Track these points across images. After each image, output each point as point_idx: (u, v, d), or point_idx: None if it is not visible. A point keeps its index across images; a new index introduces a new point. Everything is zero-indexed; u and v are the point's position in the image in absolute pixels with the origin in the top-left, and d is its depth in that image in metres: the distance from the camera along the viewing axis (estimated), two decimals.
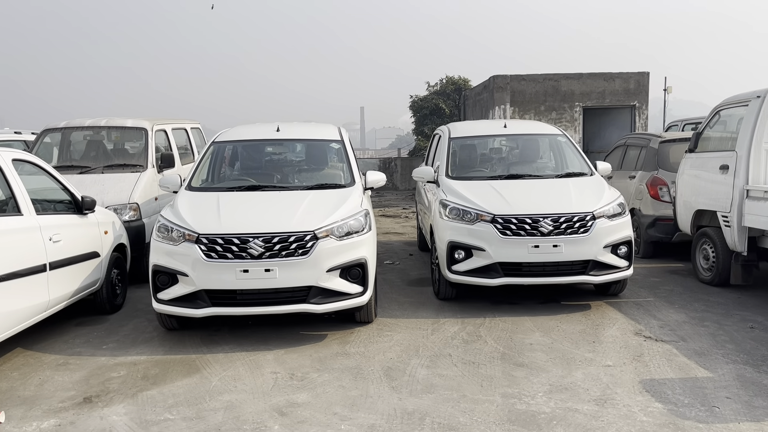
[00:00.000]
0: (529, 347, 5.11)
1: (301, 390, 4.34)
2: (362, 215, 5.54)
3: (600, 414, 3.88)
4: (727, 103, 7.01)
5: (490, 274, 6.04)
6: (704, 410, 3.89)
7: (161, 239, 5.28)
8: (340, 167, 6.48)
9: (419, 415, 3.92)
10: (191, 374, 4.66)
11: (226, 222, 5.22)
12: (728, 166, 6.58)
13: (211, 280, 5.05)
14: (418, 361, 4.86)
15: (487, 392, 4.24)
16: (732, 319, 5.77)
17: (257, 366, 4.80)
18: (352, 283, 5.31)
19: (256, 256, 5.03)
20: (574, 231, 5.91)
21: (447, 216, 6.32)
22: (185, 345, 5.32)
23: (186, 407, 4.09)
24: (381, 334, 5.53)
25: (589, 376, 4.49)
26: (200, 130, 10.66)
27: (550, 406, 4.01)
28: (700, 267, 7.23)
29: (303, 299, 5.16)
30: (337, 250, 5.22)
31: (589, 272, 6.00)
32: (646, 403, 4.02)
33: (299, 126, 7.21)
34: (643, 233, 8.62)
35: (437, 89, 28.02)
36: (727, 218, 6.59)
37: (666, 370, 4.55)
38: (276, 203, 5.60)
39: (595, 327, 5.60)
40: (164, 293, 5.20)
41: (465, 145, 7.70)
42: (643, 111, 16.12)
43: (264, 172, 6.54)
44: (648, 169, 8.81)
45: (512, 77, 16.08)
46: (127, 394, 4.30)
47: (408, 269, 8.33)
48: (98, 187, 7.31)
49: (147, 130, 8.19)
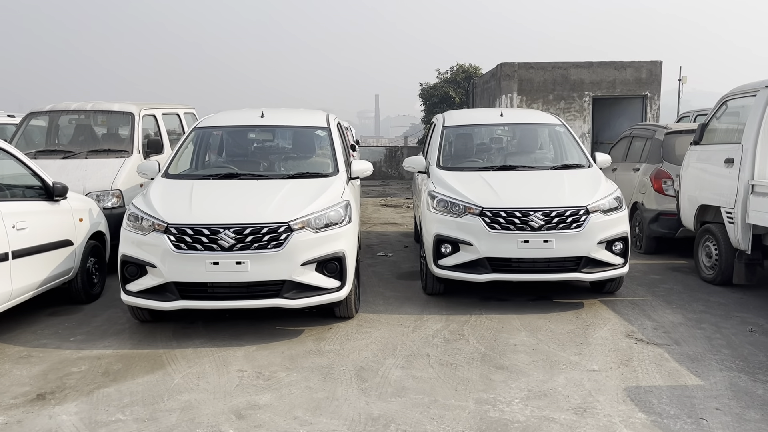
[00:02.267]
0: (513, 348, 4.85)
1: (265, 390, 4.12)
2: (342, 206, 5.29)
3: (577, 424, 3.62)
4: (734, 93, 6.64)
5: (478, 269, 5.77)
6: (690, 422, 3.62)
7: (131, 228, 5.07)
8: (324, 155, 6.22)
9: (384, 421, 3.68)
10: (154, 370, 4.46)
11: (196, 211, 5.00)
12: (733, 159, 6.23)
13: (180, 272, 4.84)
14: (394, 361, 4.62)
15: (460, 397, 4.00)
16: (731, 321, 5.46)
17: (225, 363, 4.59)
18: (329, 278, 5.07)
19: (226, 248, 4.80)
20: (567, 226, 5.61)
21: (434, 208, 6.05)
22: (155, 338, 5.12)
23: (141, 407, 3.88)
24: (360, 330, 5.29)
25: (571, 381, 4.22)
26: (195, 116, 10.43)
27: (525, 414, 3.76)
28: (703, 265, 6.91)
29: (276, 293, 4.93)
30: (313, 243, 4.98)
31: (582, 269, 5.71)
32: (628, 412, 3.75)
33: (285, 112, 6.95)
34: (645, 228, 8.29)
35: (447, 77, 27.62)
36: (731, 214, 6.25)
37: (654, 377, 4.27)
38: (251, 193, 5.37)
39: (585, 327, 5.32)
40: (133, 284, 5.00)
41: (459, 134, 7.41)
42: (654, 101, 15.66)
43: (244, 160, 6.31)
44: (652, 161, 8.45)
45: (520, 65, 15.68)
46: (82, 392, 4.11)
47: (400, 261, 8.08)
48: (80, 173, 7.13)
49: (134, 114, 7.98)
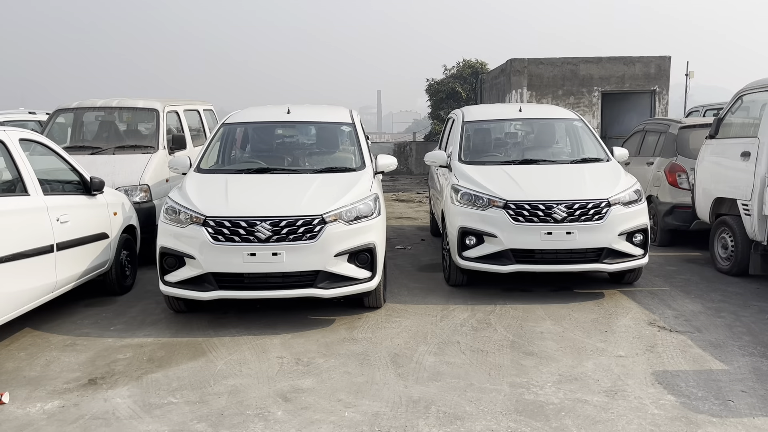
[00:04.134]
0: (540, 336, 5.01)
1: (306, 375, 4.29)
2: (372, 199, 5.45)
3: (610, 406, 3.79)
4: (750, 88, 6.79)
5: (502, 260, 5.94)
6: (718, 404, 3.78)
7: (169, 221, 5.24)
8: (350, 150, 6.39)
9: (425, 403, 3.85)
10: (197, 357, 4.63)
11: (233, 205, 5.17)
12: (750, 153, 6.38)
13: (218, 263, 5.01)
14: (426, 348, 4.78)
15: (494, 381, 4.17)
16: (750, 310, 5.62)
17: (263, 350, 4.76)
18: (360, 268, 5.24)
19: (263, 240, 4.97)
20: (589, 218, 5.77)
21: (458, 201, 6.21)
22: (192, 328, 5.29)
23: (190, 391, 4.06)
24: (389, 319, 5.46)
25: (600, 366, 4.39)
26: (213, 112, 10.60)
27: (558, 396, 3.93)
28: (718, 256, 7.06)
29: (310, 284, 5.10)
30: (346, 235, 5.14)
31: (603, 260, 5.87)
32: (657, 395, 3.92)
33: (310, 108, 7.11)
34: (660, 221, 8.44)
35: (454, 73, 27.73)
36: (747, 206, 6.40)
37: (680, 362, 4.44)
38: (284, 186, 5.53)
39: (608, 316, 5.48)
40: (171, 275, 5.17)
41: (479, 129, 7.56)
42: (663, 96, 15.79)
43: (273, 155, 6.47)
44: (667, 155, 8.60)
45: (530, 61, 15.81)
46: (131, 377, 4.29)
47: (419, 254, 8.25)
48: (109, 168, 7.30)
49: (158, 111, 8.14)
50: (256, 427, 3.57)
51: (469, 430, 3.52)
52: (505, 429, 3.52)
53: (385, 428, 3.55)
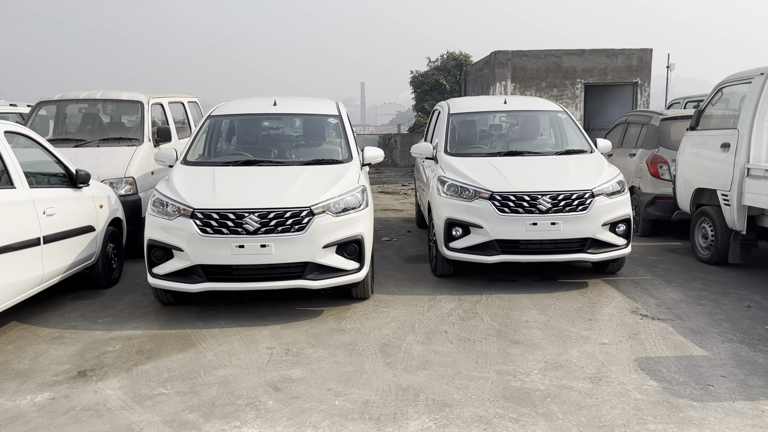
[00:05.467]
0: (525, 324, 5.10)
1: (296, 365, 4.33)
2: (359, 191, 5.49)
3: (594, 391, 3.88)
4: (729, 80, 6.91)
5: (488, 251, 6.01)
6: (699, 389, 3.89)
7: (156, 213, 5.24)
8: (337, 143, 6.41)
9: (414, 391, 3.91)
10: (186, 349, 4.65)
11: (221, 197, 5.18)
12: (729, 144, 6.51)
13: (206, 255, 5.02)
14: (414, 337, 4.85)
15: (482, 369, 4.24)
16: (729, 297, 5.76)
17: (253, 341, 4.79)
18: (349, 260, 5.28)
19: (251, 232, 4.99)
20: (573, 209, 5.86)
21: (445, 193, 6.27)
22: (181, 320, 5.31)
23: (180, 382, 4.08)
24: (377, 310, 5.52)
25: (584, 353, 4.48)
26: (198, 104, 10.55)
27: (545, 383, 4.01)
28: (699, 246, 7.21)
29: (299, 275, 5.13)
30: (334, 226, 5.18)
31: (587, 250, 5.97)
32: (640, 381, 4.02)
33: (297, 100, 7.12)
34: (642, 211, 8.58)
35: (438, 65, 27.76)
36: (726, 197, 6.54)
37: (662, 349, 4.55)
38: (272, 178, 5.55)
39: (592, 305, 5.59)
40: (159, 268, 5.18)
41: (464, 121, 7.62)
42: (645, 88, 15.97)
43: (260, 147, 6.47)
44: (649, 146, 8.73)
45: (514, 53, 15.90)
46: (121, 369, 4.30)
47: (406, 246, 8.31)
48: (94, 161, 7.26)
49: (143, 103, 8.10)
50: (247, 417, 3.61)
51: (458, 416, 3.58)
52: (492, 415, 3.60)
53: (375, 416, 3.60)
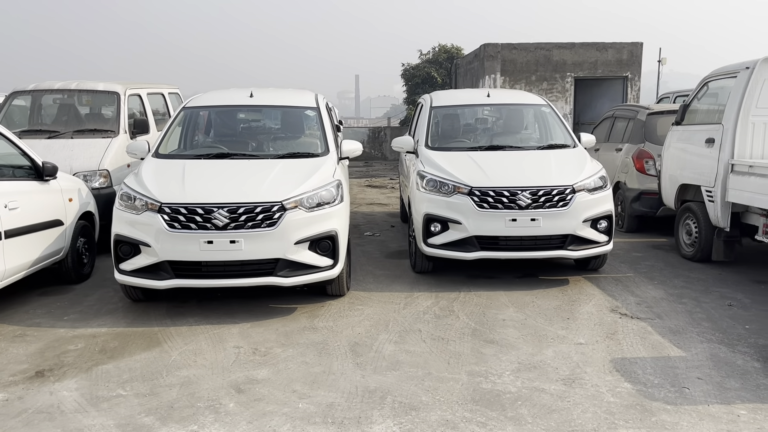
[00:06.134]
0: (502, 323, 4.98)
1: (262, 366, 4.20)
2: (334, 186, 5.35)
3: (567, 394, 3.76)
4: (715, 75, 6.80)
5: (467, 247, 5.89)
6: (674, 391, 3.78)
7: (124, 208, 5.09)
8: (314, 135, 6.26)
9: (381, 393, 3.79)
10: (151, 348, 4.51)
11: (190, 191, 5.03)
12: (714, 139, 6.40)
13: (174, 251, 4.88)
14: (387, 336, 4.72)
15: (453, 370, 4.12)
16: (711, 296, 5.66)
17: (220, 340, 4.66)
18: (322, 256, 5.15)
19: (220, 227, 4.85)
20: (553, 204, 5.74)
21: (424, 188, 6.14)
22: (149, 317, 5.16)
23: (141, 383, 3.95)
24: (352, 308, 5.39)
25: (559, 354, 4.37)
26: (179, 96, 10.36)
27: (516, 385, 3.89)
28: (683, 242, 7.11)
29: (270, 272, 4.99)
30: (307, 222, 5.04)
31: (568, 247, 5.85)
32: (615, 383, 3.91)
33: (274, 92, 6.95)
34: (627, 207, 8.47)
35: (429, 58, 27.60)
36: (711, 193, 6.43)
37: (638, 349, 4.44)
38: (244, 172, 5.40)
39: (571, 303, 5.47)
40: (127, 264, 5.04)
41: (446, 114, 7.48)
42: (635, 82, 15.85)
43: (235, 140, 6.32)
44: (635, 141, 8.62)
45: (503, 46, 15.74)
46: (81, 368, 4.16)
47: (388, 241, 8.18)
48: (66, 153, 7.09)
49: (119, 94, 7.92)
50: (206, 420, 3.48)
51: (424, 420, 3.47)
52: (460, 419, 3.48)
53: (339, 419, 3.48)
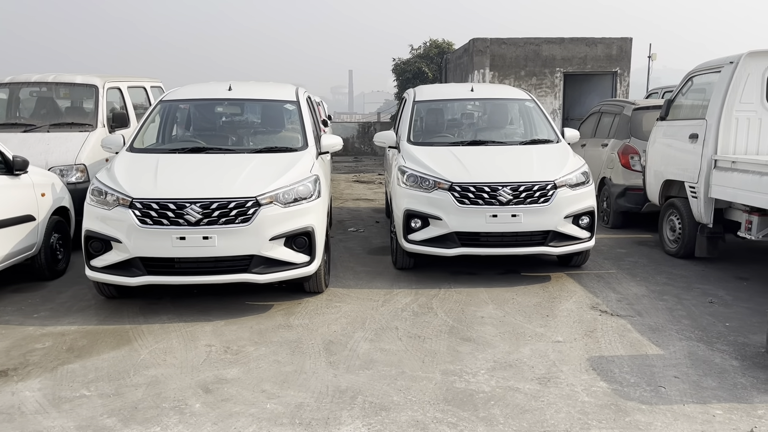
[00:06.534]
0: (480, 321, 4.91)
1: (233, 365, 4.11)
2: (311, 181, 5.25)
3: (541, 394, 3.69)
4: (699, 70, 6.73)
5: (447, 244, 5.81)
6: (649, 390, 3.72)
7: (95, 203, 4.98)
8: (293, 130, 6.16)
9: (352, 393, 3.71)
10: (120, 346, 4.42)
11: (162, 186, 4.92)
12: (698, 134, 6.34)
13: (145, 247, 4.78)
14: (363, 334, 4.64)
15: (427, 369, 4.05)
16: (692, 293, 5.61)
17: (192, 338, 4.57)
18: (298, 253, 5.05)
19: (193, 223, 4.75)
20: (534, 200, 5.67)
21: (404, 183, 6.05)
22: (122, 314, 5.06)
23: (106, 383, 3.85)
24: (329, 305, 5.31)
25: (536, 352, 4.30)
26: (162, 89, 10.21)
27: (490, 384, 3.82)
28: (667, 238, 7.05)
29: (245, 268, 4.90)
30: (282, 218, 4.95)
31: (549, 243, 5.78)
32: (590, 381, 3.84)
33: (253, 85, 6.84)
34: (612, 203, 8.42)
35: (420, 52, 27.44)
36: (694, 189, 6.38)
37: (616, 347, 4.38)
38: (219, 167, 5.30)
39: (552, 300, 5.41)
40: (98, 260, 4.93)
41: (430, 109, 7.39)
42: (624, 78, 15.80)
43: (211, 134, 6.21)
44: (620, 137, 8.56)
45: (492, 41, 15.65)
46: (46, 368, 4.05)
47: (371, 237, 8.10)
48: (42, 147, 6.96)
49: (98, 87, 7.78)
50: (169, 421, 3.39)
51: (393, 421, 3.39)
52: (430, 420, 3.40)
53: (306, 420, 3.40)
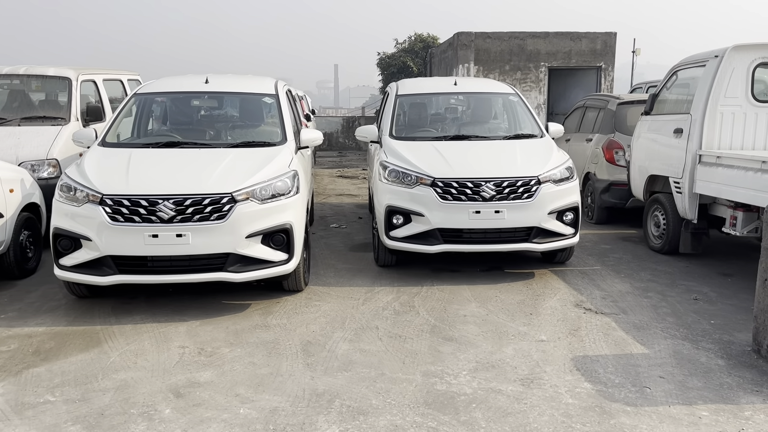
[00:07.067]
0: (462, 319, 4.80)
1: (206, 367, 3.97)
2: (289, 176, 5.11)
3: (524, 396, 3.59)
4: (684, 63, 6.66)
5: (429, 240, 5.69)
6: (635, 391, 3.63)
7: (64, 200, 4.80)
8: (271, 124, 6.00)
9: (329, 396, 3.58)
10: (90, 348, 4.25)
11: (133, 182, 4.75)
12: (682, 129, 6.28)
13: (117, 245, 4.61)
14: (342, 334, 4.51)
15: (408, 370, 3.93)
16: (677, 289, 5.54)
17: (165, 339, 4.41)
18: (276, 250, 4.91)
19: (166, 220, 4.58)
20: (518, 196, 5.57)
21: (386, 178, 5.92)
22: (93, 315, 4.89)
23: (73, 387, 3.69)
24: (309, 304, 5.17)
25: (519, 352, 4.20)
26: (140, 82, 9.98)
27: (472, 386, 3.71)
28: (651, 234, 7.00)
29: (220, 267, 4.75)
30: (259, 214, 4.80)
31: (533, 240, 5.69)
32: (574, 383, 3.75)
33: (231, 78, 6.66)
34: (597, 198, 8.35)
35: (405, 47, 27.32)
36: (678, 184, 6.32)
37: (601, 346, 4.29)
38: (193, 162, 5.13)
39: (535, 298, 5.32)
40: (67, 258, 4.75)
41: (412, 103, 7.27)
42: (609, 72, 15.77)
43: (187, 128, 6.03)
44: (605, 131, 8.49)
45: (477, 35, 15.54)
46: (10, 372, 3.88)
47: (354, 233, 7.96)
48: (13, 141, 6.74)
49: (71, 79, 7.56)
50: (137, 428, 3.24)
51: (371, 426, 3.27)
52: (410, 424, 3.29)
53: (281, 426, 3.27)
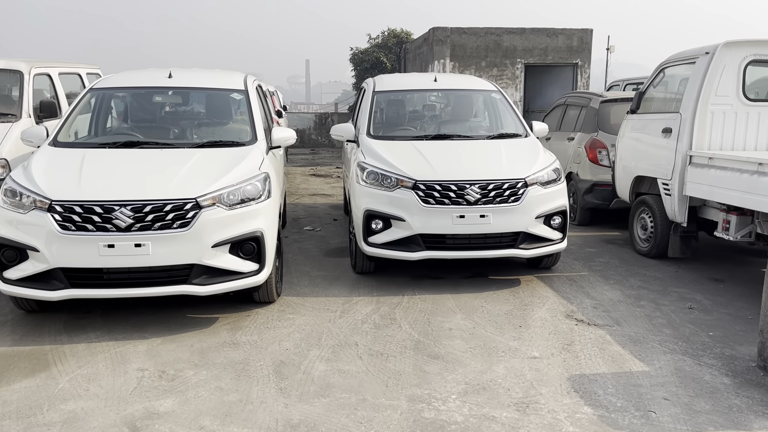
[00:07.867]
0: (448, 333, 4.47)
1: (167, 394, 3.56)
2: (260, 179, 4.71)
3: (520, 423, 3.27)
4: (672, 60, 6.43)
5: (411, 246, 5.35)
6: (639, 416, 3.34)
7: (8, 206, 4.32)
8: (240, 122, 5.59)
9: (305, 428, 3.21)
10: (36, 373, 3.81)
11: (86, 186, 4.30)
12: (671, 129, 6.04)
13: (68, 256, 4.16)
14: (318, 352, 4.14)
15: (392, 394, 3.58)
16: (669, 297, 5.30)
17: (122, 361, 3.99)
18: (245, 260, 4.51)
19: (123, 229, 4.15)
20: (504, 200, 5.26)
21: (364, 181, 5.56)
22: (42, 332, 4.44)
23: (14, 421, 3.25)
24: (281, 317, 4.78)
25: (511, 371, 3.88)
26: (100, 76, 9.42)
27: (463, 412, 3.38)
28: (638, 237, 6.76)
29: (184, 279, 4.33)
30: (226, 221, 4.39)
31: (520, 245, 5.38)
32: (573, 407, 3.44)
33: (197, 73, 6.21)
34: (579, 199, 8.11)
35: (378, 42, 26.92)
36: (667, 186, 6.08)
37: (598, 363, 3.99)
38: (154, 164, 4.69)
39: (524, 307, 5.01)
40: (12, 271, 4.28)
41: (390, 100, 6.90)
42: (585, 69, 15.63)
43: (148, 126, 5.58)
44: (587, 130, 8.25)
45: (453, 30, 15.25)
46: None
47: (329, 237, 7.58)
48: None
49: (22, 72, 7.01)
50: None
51: None
52: None
53: None
